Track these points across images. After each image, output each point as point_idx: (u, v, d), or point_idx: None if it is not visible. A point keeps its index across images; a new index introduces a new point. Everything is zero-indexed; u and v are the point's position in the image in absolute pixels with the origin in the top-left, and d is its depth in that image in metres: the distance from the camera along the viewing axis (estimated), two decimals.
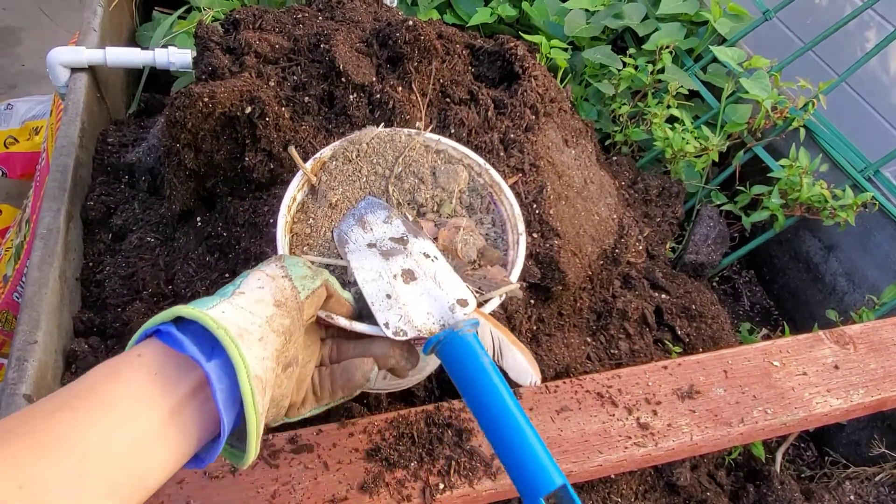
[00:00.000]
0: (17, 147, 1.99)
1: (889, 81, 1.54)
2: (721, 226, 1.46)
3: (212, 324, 0.47)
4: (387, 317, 0.56)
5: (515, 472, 0.49)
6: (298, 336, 0.54)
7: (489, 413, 0.51)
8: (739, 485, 1.17)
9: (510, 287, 0.62)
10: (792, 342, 1.02)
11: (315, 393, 0.58)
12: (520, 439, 0.50)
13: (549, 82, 1.17)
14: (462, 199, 0.69)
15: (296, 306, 0.53)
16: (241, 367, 0.47)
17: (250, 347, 0.48)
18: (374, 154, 0.69)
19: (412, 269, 0.59)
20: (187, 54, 1.41)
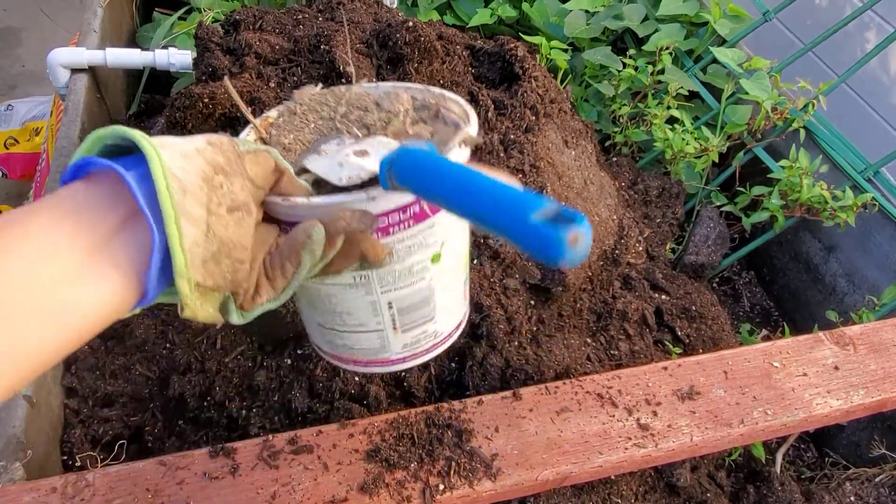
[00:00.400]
0: (18, 148, 2.00)
1: (889, 82, 1.54)
2: (721, 226, 1.46)
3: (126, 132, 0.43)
4: (340, 175, 0.53)
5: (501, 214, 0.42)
6: (243, 183, 0.49)
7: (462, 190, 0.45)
8: (739, 486, 1.17)
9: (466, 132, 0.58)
10: (792, 343, 1.02)
11: (267, 277, 0.53)
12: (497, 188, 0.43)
13: (549, 83, 1.17)
14: (411, 117, 0.66)
15: (233, 152, 0.49)
16: (153, 155, 0.42)
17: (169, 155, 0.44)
18: (318, 105, 0.68)
19: (365, 149, 0.56)
20: (187, 55, 1.41)
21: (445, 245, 0.60)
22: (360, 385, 0.96)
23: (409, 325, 0.64)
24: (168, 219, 0.42)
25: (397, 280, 0.59)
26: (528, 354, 1.01)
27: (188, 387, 0.97)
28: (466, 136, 0.57)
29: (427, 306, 0.63)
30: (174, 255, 0.43)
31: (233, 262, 0.49)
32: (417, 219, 0.57)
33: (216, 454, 0.80)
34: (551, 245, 0.38)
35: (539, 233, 0.39)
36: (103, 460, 0.93)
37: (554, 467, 0.83)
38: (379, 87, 0.69)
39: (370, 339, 0.64)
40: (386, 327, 0.63)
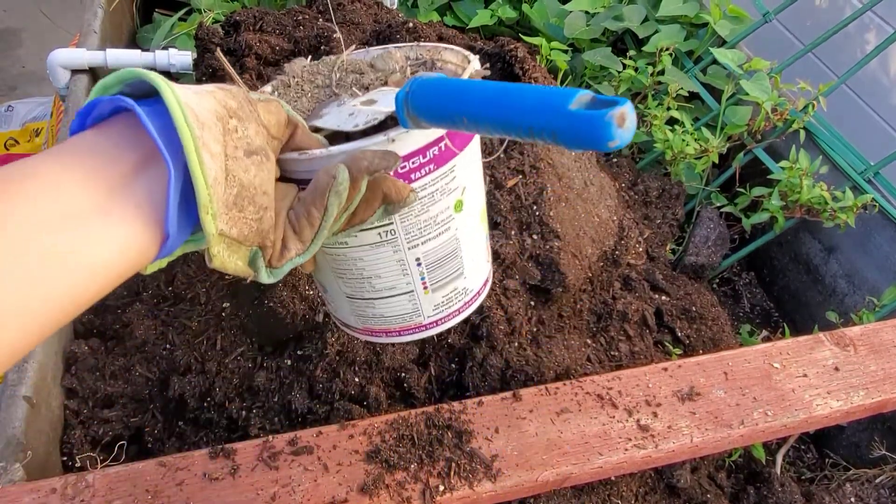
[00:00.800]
0: (18, 149, 2.00)
1: (889, 83, 1.54)
2: (721, 227, 1.46)
3: (134, 71, 0.41)
4: (354, 122, 0.52)
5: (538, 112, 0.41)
6: (258, 128, 0.47)
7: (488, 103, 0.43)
8: (740, 487, 1.17)
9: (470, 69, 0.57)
10: (792, 344, 1.02)
11: (294, 230, 0.51)
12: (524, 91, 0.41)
13: (550, 84, 1.17)
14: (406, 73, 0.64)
15: (244, 97, 0.47)
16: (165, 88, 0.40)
17: (181, 89, 0.42)
18: (311, 75, 0.67)
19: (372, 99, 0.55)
20: (188, 56, 1.41)
21: (466, 192, 0.58)
22: (359, 386, 0.96)
23: (438, 283, 0.62)
24: (188, 148, 0.39)
25: (423, 231, 0.57)
26: (529, 355, 1.01)
27: (188, 388, 0.97)
28: (474, 71, 0.55)
29: (455, 259, 0.62)
30: (197, 186, 0.40)
31: (257, 209, 0.46)
32: (438, 163, 0.55)
33: (216, 455, 0.80)
34: (599, 127, 0.37)
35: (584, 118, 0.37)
36: (103, 461, 0.93)
37: (554, 468, 0.83)
38: (369, 52, 0.68)
39: (401, 303, 0.63)
40: (416, 287, 0.61)
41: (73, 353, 1.01)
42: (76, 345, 1.03)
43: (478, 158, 0.61)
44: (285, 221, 0.50)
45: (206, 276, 1.07)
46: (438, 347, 0.99)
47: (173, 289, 1.09)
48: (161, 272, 1.11)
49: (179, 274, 1.09)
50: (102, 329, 1.08)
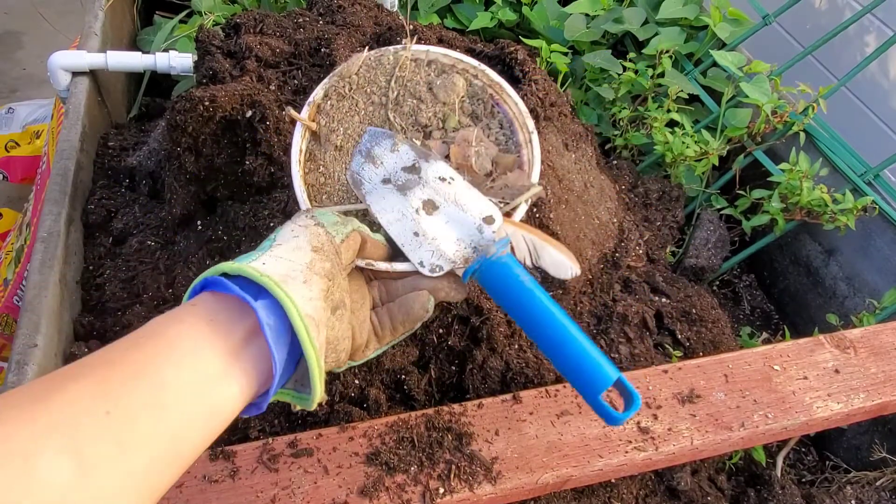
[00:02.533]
0: (19, 151, 2.00)
1: (889, 86, 1.54)
2: (721, 230, 1.46)
3: (255, 273, 0.49)
4: (420, 255, 0.57)
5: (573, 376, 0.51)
6: (341, 279, 0.55)
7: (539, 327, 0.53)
8: (740, 489, 1.17)
9: (534, 191, 0.62)
10: (792, 346, 1.02)
11: (376, 333, 0.59)
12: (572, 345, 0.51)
13: (550, 86, 1.17)
14: (464, 109, 0.66)
15: (333, 250, 0.55)
16: (288, 304, 0.49)
17: (296, 289, 0.50)
18: (367, 83, 0.67)
19: (432, 199, 0.58)
20: (188, 58, 1.41)
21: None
22: (359, 388, 0.96)
23: None
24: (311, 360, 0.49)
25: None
26: (529, 357, 1.01)
27: None
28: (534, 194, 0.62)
29: None
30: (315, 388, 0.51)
31: (337, 354, 0.55)
32: None
33: (215, 457, 0.79)
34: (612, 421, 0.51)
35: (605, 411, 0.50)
36: None
37: (554, 471, 0.83)
38: (430, 52, 0.68)
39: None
40: None
41: (73, 355, 1.01)
42: (76, 347, 1.03)
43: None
44: (369, 328, 0.59)
45: None
46: (438, 350, 0.99)
47: (173, 291, 1.09)
48: (161, 274, 1.11)
49: (180, 276, 1.09)
50: (102, 331, 1.08)
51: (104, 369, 0.42)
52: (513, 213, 0.60)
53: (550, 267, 0.63)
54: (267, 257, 0.52)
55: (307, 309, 0.50)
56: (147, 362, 0.44)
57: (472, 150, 0.62)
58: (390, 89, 0.66)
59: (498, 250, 0.56)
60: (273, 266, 0.51)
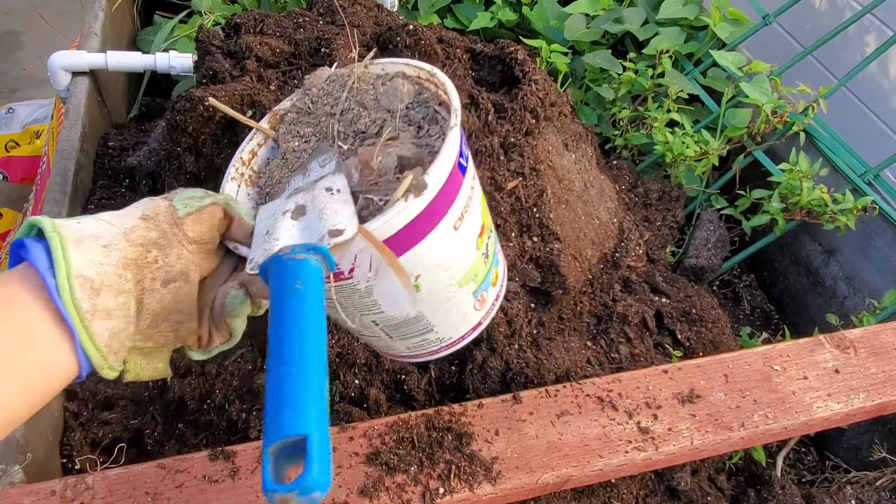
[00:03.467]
0: (19, 151, 2.00)
1: (889, 86, 1.54)
2: (721, 230, 1.46)
3: (48, 226, 0.49)
4: (255, 253, 0.55)
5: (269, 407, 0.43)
6: (180, 250, 0.54)
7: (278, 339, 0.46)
8: (740, 489, 1.17)
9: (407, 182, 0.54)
10: (792, 346, 1.02)
11: (216, 326, 0.57)
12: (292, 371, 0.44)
13: (550, 86, 1.17)
14: (410, 117, 0.64)
15: (169, 221, 0.54)
16: (60, 263, 0.48)
17: (85, 251, 0.49)
18: (325, 95, 0.68)
19: (305, 205, 0.57)
20: (188, 58, 1.41)
21: (422, 277, 0.59)
22: (359, 388, 0.96)
23: (405, 336, 0.66)
24: (78, 329, 0.48)
25: (365, 310, 0.59)
26: (529, 357, 1.01)
27: (188, 390, 0.97)
28: (413, 183, 0.54)
29: (417, 323, 0.64)
30: (90, 356, 0.49)
31: (172, 324, 0.54)
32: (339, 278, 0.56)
33: (216, 457, 0.79)
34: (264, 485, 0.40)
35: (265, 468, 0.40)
36: (103, 463, 0.93)
37: (554, 471, 0.83)
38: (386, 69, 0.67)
39: (378, 340, 0.68)
40: (382, 336, 0.66)
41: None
42: None
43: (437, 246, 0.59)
44: (209, 317, 0.57)
45: None
46: None
47: None
48: None
49: None
50: None
51: None
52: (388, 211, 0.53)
53: (383, 298, 0.57)
54: (89, 218, 0.52)
55: (87, 271, 0.49)
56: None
57: (378, 149, 0.59)
58: (342, 100, 0.66)
59: (293, 252, 0.50)
60: (83, 226, 0.51)
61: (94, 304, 0.49)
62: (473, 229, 0.63)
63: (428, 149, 0.61)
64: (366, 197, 0.56)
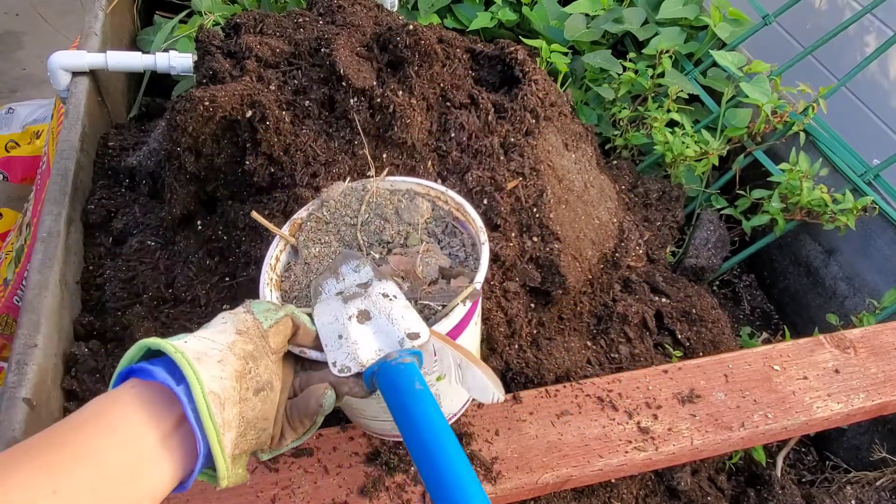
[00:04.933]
0: (19, 151, 2.00)
1: (889, 86, 1.54)
2: (721, 230, 1.46)
3: (170, 349, 0.53)
4: (335, 356, 0.60)
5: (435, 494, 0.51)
6: (267, 362, 0.58)
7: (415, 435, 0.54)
8: (740, 489, 1.17)
9: (469, 290, 0.65)
10: (792, 346, 1.02)
11: (289, 423, 0.61)
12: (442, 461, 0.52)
13: (550, 86, 1.17)
14: (429, 229, 0.73)
15: (259, 334, 0.58)
16: (193, 381, 0.52)
17: (207, 367, 0.53)
18: (343, 207, 0.76)
19: (368, 310, 0.63)
20: (188, 58, 1.41)
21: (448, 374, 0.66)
22: None
23: None
24: (212, 442, 0.52)
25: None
26: (529, 357, 1.01)
27: None
28: (471, 292, 0.65)
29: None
30: (218, 465, 0.53)
31: (258, 432, 0.58)
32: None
33: None
34: None
35: None
36: None
37: (554, 471, 0.83)
38: (403, 182, 0.77)
39: (383, 425, 0.75)
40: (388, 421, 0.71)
41: (73, 355, 1.01)
42: (76, 347, 1.02)
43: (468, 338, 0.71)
44: (283, 417, 0.61)
45: (206, 278, 1.07)
46: None
47: (173, 291, 1.09)
48: (161, 274, 1.11)
49: (179, 276, 1.09)
50: (102, 331, 1.08)
51: (50, 453, 0.47)
52: (449, 316, 0.63)
53: (472, 389, 0.64)
54: (191, 337, 0.56)
55: (213, 386, 0.52)
56: (87, 444, 0.48)
57: (419, 259, 0.68)
58: (361, 212, 0.74)
59: (400, 356, 0.58)
60: (192, 344, 0.54)
61: (224, 418, 0.53)
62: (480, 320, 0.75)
63: (455, 259, 0.71)
64: (424, 303, 0.65)
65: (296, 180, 0.98)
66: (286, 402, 0.62)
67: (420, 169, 1.03)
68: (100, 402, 0.52)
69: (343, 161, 1.00)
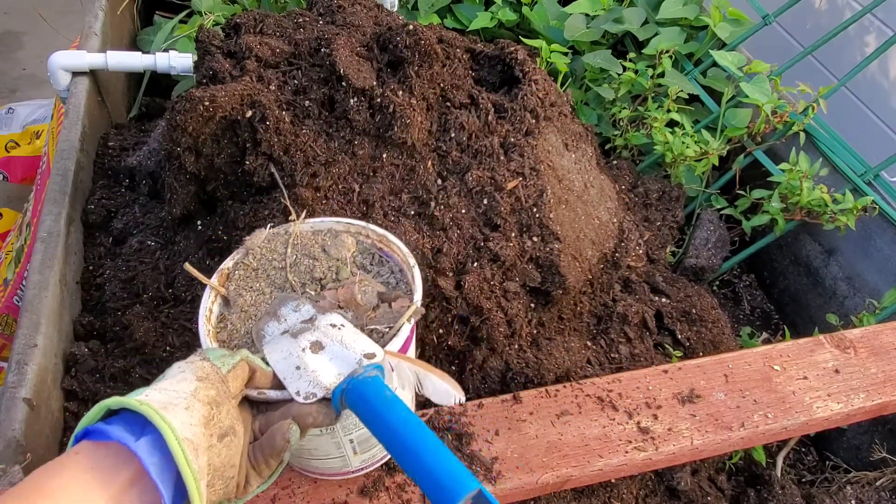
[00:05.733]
0: (19, 151, 2.00)
1: (889, 86, 1.54)
2: (721, 230, 1.46)
3: (135, 404, 0.51)
4: (297, 386, 0.61)
5: (427, 485, 0.52)
6: (230, 406, 0.58)
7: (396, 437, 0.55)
8: (740, 489, 1.17)
9: (413, 309, 0.69)
10: (792, 346, 1.02)
11: (254, 468, 0.61)
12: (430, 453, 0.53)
13: (550, 86, 1.17)
14: (356, 262, 0.76)
15: (219, 379, 0.58)
16: (167, 430, 0.50)
17: (176, 415, 0.52)
18: (268, 252, 0.77)
19: (319, 340, 0.65)
20: (188, 58, 1.41)
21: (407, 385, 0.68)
22: None
23: (366, 448, 0.75)
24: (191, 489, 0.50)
25: (358, 425, 0.69)
26: (529, 357, 1.01)
27: None
28: (415, 310, 0.69)
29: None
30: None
31: (225, 482, 0.57)
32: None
33: None
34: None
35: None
36: None
37: (554, 471, 0.83)
38: (323, 222, 0.80)
39: (333, 462, 0.75)
40: (347, 454, 0.74)
41: (73, 355, 1.01)
42: (76, 347, 1.03)
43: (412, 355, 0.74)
44: (247, 462, 0.60)
45: (207, 277, 1.07)
46: (438, 350, 0.99)
47: (173, 291, 1.09)
48: (161, 274, 1.11)
49: (179, 276, 1.09)
50: (102, 331, 1.08)
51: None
52: (397, 336, 0.67)
53: (433, 395, 0.67)
54: (150, 390, 0.54)
55: (185, 433, 0.51)
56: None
57: (357, 288, 0.71)
58: (288, 254, 0.76)
59: (365, 371, 0.61)
60: (155, 396, 0.53)
61: (197, 464, 0.51)
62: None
63: (388, 286, 0.75)
64: (371, 328, 0.68)
65: (296, 180, 0.98)
66: (248, 447, 0.61)
67: (420, 169, 1.03)
68: (43, 472, 0.50)
69: (343, 161, 1.00)
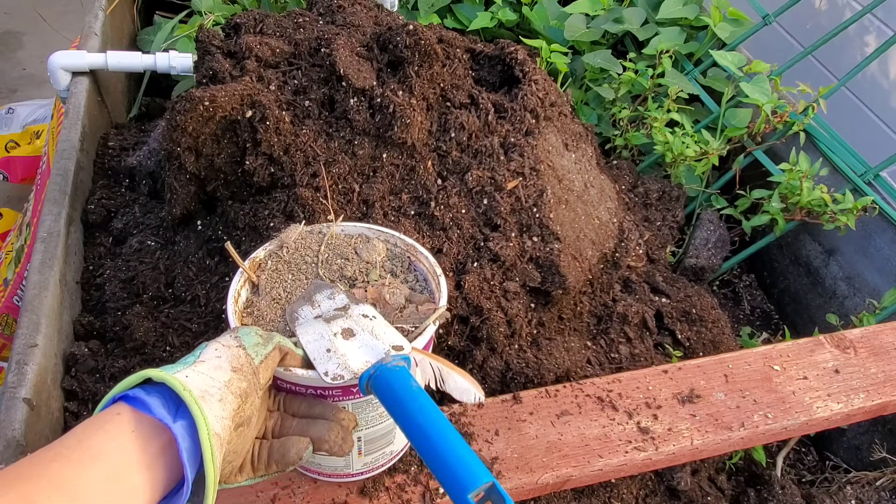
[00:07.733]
0: (19, 151, 2.00)
1: (889, 86, 1.54)
2: (721, 230, 1.46)
3: (179, 386, 0.53)
4: (326, 367, 0.62)
5: (442, 474, 0.54)
6: (255, 398, 0.59)
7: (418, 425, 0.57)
8: (740, 489, 1.17)
9: (439, 312, 0.71)
10: (792, 346, 1.02)
11: (252, 463, 0.62)
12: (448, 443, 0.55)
13: (550, 86, 1.17)
14: (385, 267, 0.78)
15: (251, 371, 0.59)
16: (202, 426, 0.52)
17: (211, 407, 0.54)
18: (301, 248, 0.79)
19: (351, 328, 0.67)
20: (188, 58, 1.41)
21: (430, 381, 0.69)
22: None
23: (371, 451, 0.75)
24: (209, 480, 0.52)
25: (369, 423, 0.72)
26: (529, 357, 1.01)
27: None
28: (441, 313, 0.71)
29: (389, 435, 0.76)
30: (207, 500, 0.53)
31: (228, 465, 0.59)
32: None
33: None
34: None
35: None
36: None
37: (554, 471, 0.83)
38: (355, 227, 0.82)
39: (336, 461, 0.75)
40: (352, 454, 0.74)
41: (73, 355, 1.01)
42: (76, 347, 1.03)
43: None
44: (248, 455, 0.61)
45: (206, 277, 1.07)
46: (438, 350, 0.99)
47: (173, 290, 1.09)
48: (161, 274, 1.11)
49: (179, 276, 1.09)
50: (102, 331, 1.08)
51: (28, 484, 0.46)
52: (422, 335, 0.69)
53: (455, 392, 0.68)
54: (189, 370, 0.56)
55: (216, 427, 0.53)
56: (67, 475, 0.48)
57: (386, 289, 0.74)
58: (320, 252, 0.78)
59: (393, 360, 0.62)
60: (195, 380, 0.55)
61: (219, 459, 0.54)
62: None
63: (417, 291, 0.77)
64: (398, 326, 0.70)
65: (296, 180, 0.98)
66: (259, 444, 0.62)
67: (420, 169, 1.03)
68: (84, 430, 0.52)
69: (343, 161, 1.00)
